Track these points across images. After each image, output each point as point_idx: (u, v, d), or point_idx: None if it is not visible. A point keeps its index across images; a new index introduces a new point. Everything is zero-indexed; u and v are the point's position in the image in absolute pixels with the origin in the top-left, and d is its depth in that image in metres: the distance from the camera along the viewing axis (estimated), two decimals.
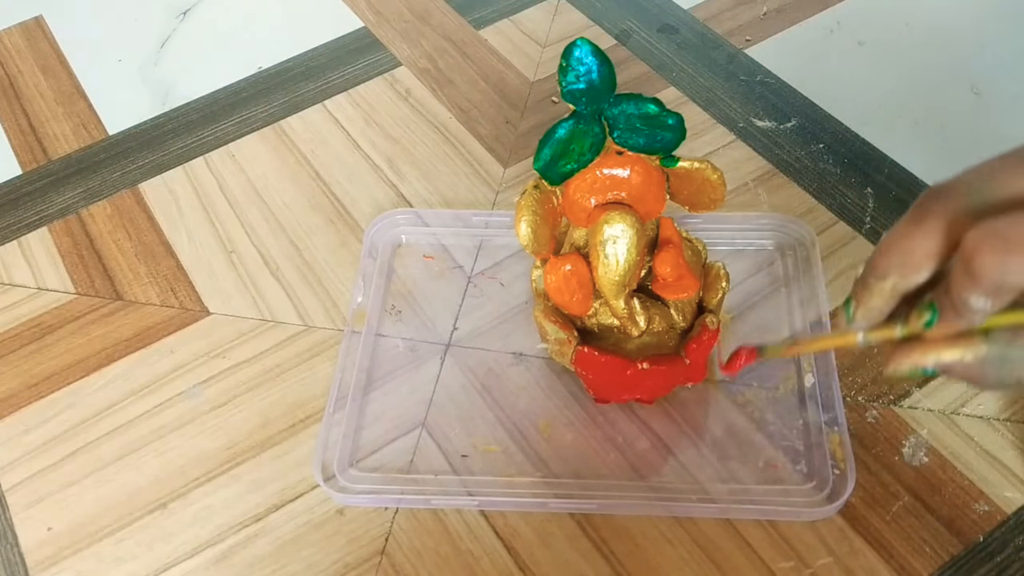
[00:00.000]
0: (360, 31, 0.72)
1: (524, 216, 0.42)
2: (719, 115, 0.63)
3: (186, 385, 0.52)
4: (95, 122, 0.67)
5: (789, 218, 0.55)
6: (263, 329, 0.54)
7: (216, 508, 0.47)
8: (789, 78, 0.65)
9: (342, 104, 0.66)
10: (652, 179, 0.43)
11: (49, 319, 0.55)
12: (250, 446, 0.49)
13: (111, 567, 0.45)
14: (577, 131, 0.41)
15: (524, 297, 0.54)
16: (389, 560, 0.45)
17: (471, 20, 0.72)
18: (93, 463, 0.49)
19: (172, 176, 0.63)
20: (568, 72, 0.40)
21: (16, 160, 0.65)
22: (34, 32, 0.75)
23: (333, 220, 0.59)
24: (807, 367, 0.49)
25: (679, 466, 0.46)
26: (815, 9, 0.70)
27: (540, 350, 0.51)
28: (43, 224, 0.60)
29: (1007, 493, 0.45)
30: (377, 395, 0.50)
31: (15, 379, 0.52)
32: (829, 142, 0.61)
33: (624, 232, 0.42)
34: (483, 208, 0.59)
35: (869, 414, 0.48)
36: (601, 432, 0.48)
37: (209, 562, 0.45)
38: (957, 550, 0.43)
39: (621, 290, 0.43)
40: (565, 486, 0.46)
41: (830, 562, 0.43)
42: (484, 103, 0.66)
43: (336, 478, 0.46)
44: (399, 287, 0.55)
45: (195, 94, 0.69)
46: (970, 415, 0.48)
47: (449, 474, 0.47)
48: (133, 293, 0.56)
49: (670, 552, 0.44)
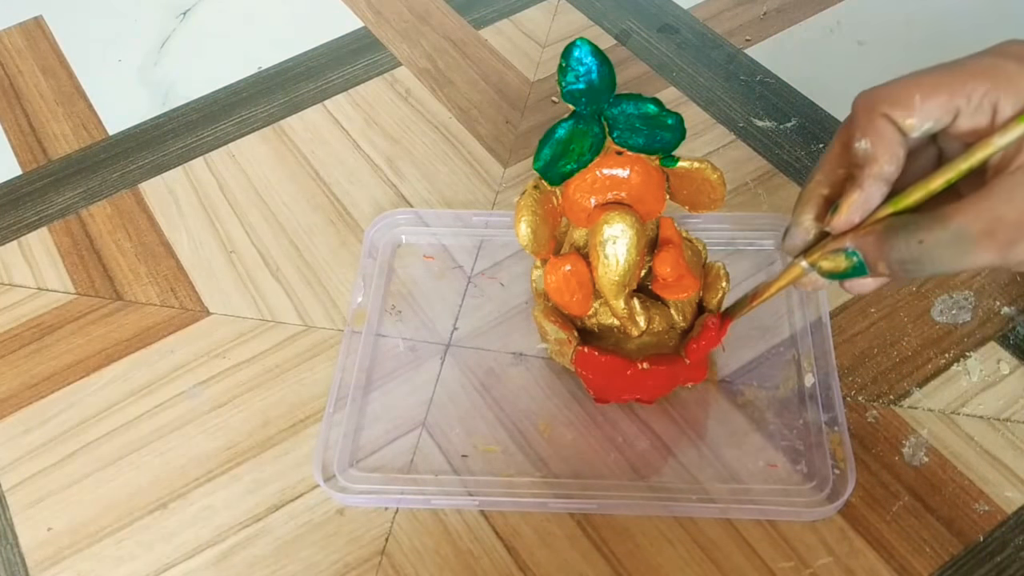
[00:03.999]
0: (360, 31, 0.72)
1: (524, 216, 0.42)
2: (719, 115, 0.63)
3: (186, 385, 0.52)
4: (95, 122, 0.67)
5: (789, 218, 0.54)
6: (263, 329, 0.54)
7: (216, 508, 0.47)
8: (789, 78, 0.65)
9: (342, 104, 0.66)
10: (652, 179, 0.43)
11: (49, 319, 0.55)
12: (250, 446, 0.49)
13: (111, 567, 0.45)
14: (577, 131, 0.41)
15: (524, 297, 0.54)
16: (389, 560, 0.45)
17: (471, 20, 0.72)
18: (93, 463, 0.49)
19: (172, 176, 0.63)
20: (568, 72, 0.40)
21: (16, 160, 0.65)
22: (34, 32, 0.75)
23: (333, 220, 0.59)
24: (807, 367, 0.49)
25: (679, 466, 0.46)
26: (815, 9, 0.70)
27: (540, 350, 0.51)
28: (43, 224, 0.60)
29: (1007, 493, 0.45)
30: (377, 395, 0.50)
31: (15, 379, 0.53)
32: (829, 142, 0.61)
33: (624, 232, 0.42)
34: (483, 208, 0.59)
35: (869, 414, 0.48)
36: (601, 432, 0.48)
37: (209, 562, 0.45)
38: (957, 550, 0.43)
39: (621, 290, 0.43)
40: (565, 486, 0.46)
41: (830, 562, 0.43)
42: (484, 103, 0.66)
43: (336, 478, 0.46)
44: (399, 287, 0.55)
45: (195, 94, 0.69)
46: (970, 415, 0.48)
47: (449, 474, 0.47)
48: (133, 293, 0.56)
49: (670, 552, 0.44)
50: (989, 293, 0.52)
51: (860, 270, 0.35)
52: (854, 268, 0.35)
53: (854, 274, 0.35)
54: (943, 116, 0.33)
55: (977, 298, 0.52)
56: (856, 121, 0.34)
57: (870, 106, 0.33)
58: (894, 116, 0.33)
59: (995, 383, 0.49)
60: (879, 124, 0.33)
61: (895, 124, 0.33)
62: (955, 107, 0.32)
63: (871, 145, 0.33)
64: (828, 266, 0.36)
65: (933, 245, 0.32)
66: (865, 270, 0.35)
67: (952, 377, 0.49)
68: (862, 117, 0.34)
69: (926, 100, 0.32)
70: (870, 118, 0.33)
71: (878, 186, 0.34)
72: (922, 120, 0.33)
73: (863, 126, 0.33)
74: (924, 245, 0.32)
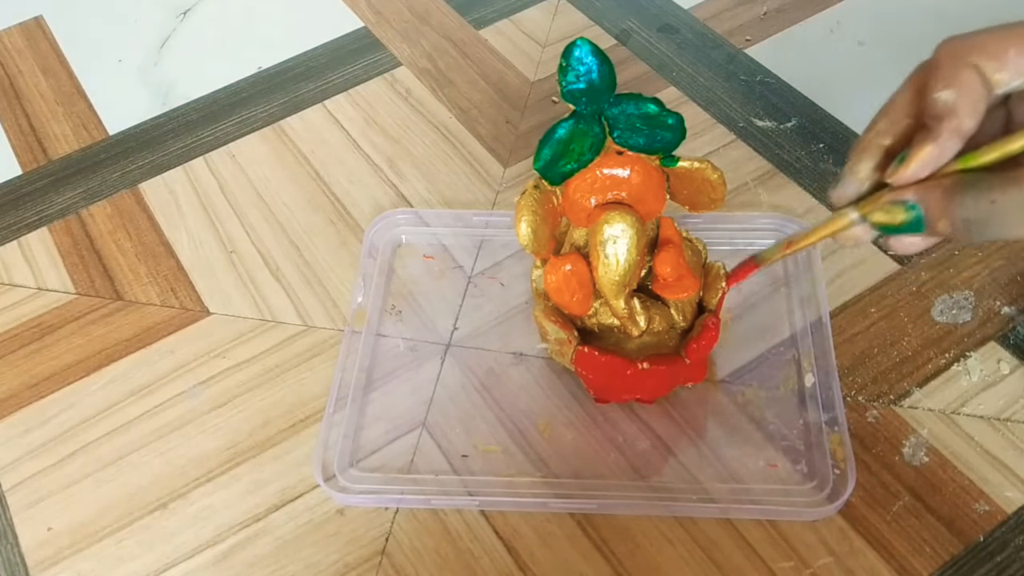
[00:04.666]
0: (360, 31, 0.72)
1: (524, 216, 0.42)
2: (719, 115, 0.63)
3: (186, 385, 0.52)
4: (95, 122, 0.67)
5: (789, 218, 0.55)
6: (263, 329, 0.54)
7: (216, 508, 0.47)
8: (789, 78, 0.65)
9: (342, 104, 0.66)
10: (652, 179, 0.43)
11: (49, 319, 0.55)
12: (250, 446, 0.49)
13: (111, 567, 0.45)
14: (577, 131, 0.41)
15: (524, 297, 0.54)
16: (389, 560, 0.45)
17: (471, 20, 0.72)
18: (93, 463, 0.49)
19: (172, 176, 0.63)
20: (568, 72, 0.40)
21: (16, 160, 0.65)
22: (34, 32, 0.75)
23: (333, 220, 0.59)
24: (807, 367, 0.49)
25: (679, 466, 0.46)
26: (815, 9, 0.70)
27: (540, 350, 0.51)
28: (43, 224, 0.60)
29: (1007, 493, 0.45)
30: (377, 395, 0.50)
31: (15, 379, 0.52)
32: (829, 142, 0.61)
33: (624, 232, 0.42)
34: (483, 208, 0.58)
35: (869, 414, 0.48)
36: (601, 432, 0.48)
37: (209, 562, 0.45)
38: (957, 550, 0.43)
39: (621, 290, 0.43)
40: (565, 486, 0.46)
41: (830, 562, 0.43)
42: (484, 103, 0.66)
43: (336, 478, 0.46)
44: (399, 287, 0.55)
45: (195, 94, 0.69)
46: (970, 415, 0.48)
47: (449, 474, 0.47)
48: (133, 293, 0.56)
49: (670, 552, 0.44)
50: (989, 293, 0.52)
51: (917, 226, 0.33)
52: (911, 223, 0.33)
53: (908, 230, 0.33)
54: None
55: (977, 298, 0.52)
56: (939, 70, 0.31)
57: (958, 55, 0.31)
58: (984, 68, 0.31)
59: (995, 383, 0.49)
60: (965, 75, 0.31)
61: (983, 77, 0.31)
62: None
63: (955, 97, 0.31)
64: (882, 218, 0.34)
65: (1007, 206, 0.30)
66: (922, 227, 0.33)
67: (952, 377, 0.49)
68: (947, 66, 0.31)
69: (1022, 55, 0.30)
70: (956, 68, 0.31)
71: (955, 141, 0.32)
72: (1014, 76, 0.31)
73: (947, 76, 0.31)
74: (996, 205, 0.30)
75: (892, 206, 0.33)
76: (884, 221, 0.34)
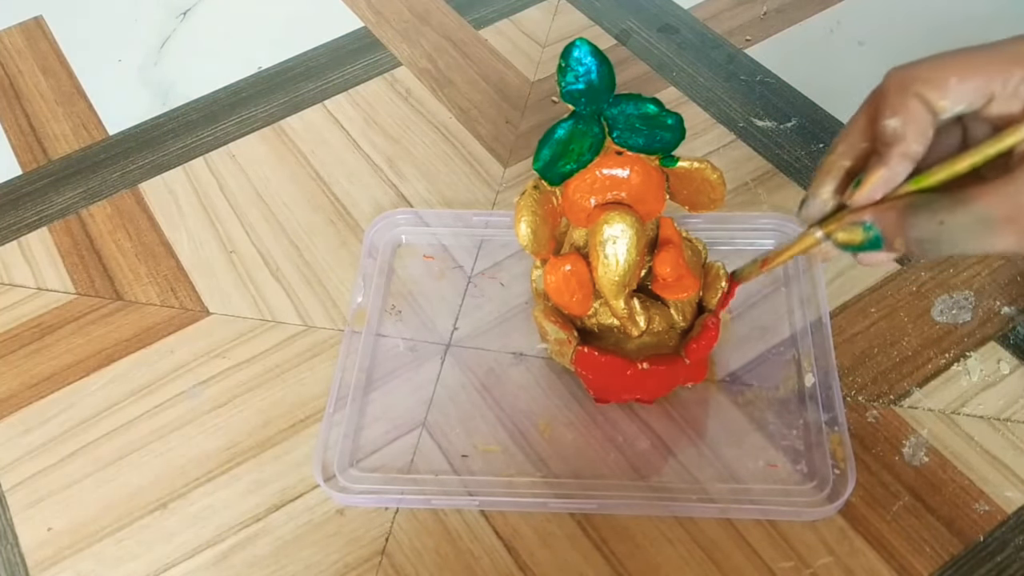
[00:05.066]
0: (360, 31, 0.72)
1: (524, 216, 0.42)
2: (719, 115, 0.63)
3: (186, 385, 0.52)
4: (95, 122, 0.67)
5: (789, 218, 0.55)
6: (263, 329, 0.54)
7: (216, 508, 0.47)
8: (789, 78, 0.65)
9: (342, 104, 0.66)
10: (652, 179, 0.43)
11: (49, 319, 0.55)
12: (250, 446, 0.49)
13: (111, 567, 0.45)
14: (577, 131, 0.41)
15: (524, 297, 0.54)
16: (389, 560, 0.45)
17: (471, 20, 0.72)
18: (93, 463, 0.49)
19: (172, 176, 0.63)
20: (567, 72, 0.40)
21: (16, 160, 0.65)
22: (34, 32, 0.75)
23: (333, 220, 0.59)
24: (807, 367, 0.49)
25: (679, 466, 0.46)
26: (815, 9, 0.70)
27: (540, 350, 0.51)
28: (43, 224, 0.60)
29: (1007, 493, 0.45)
30: (377, 395, 0.50)
31: (15, 379, 0.53)
32: (829, 142, 0.61)
33: (624, 232, 0.42)
34: (483, 208, 0.59)
35: (869, 414, 0.48)
36: (601, 432, 0.48)
37: (209, 562, 0.45)
38: (957, 550, 0.43)
39: (621, 290, 0.43)
40: (565, 486, 0.46)
41: (830, 562, 0.43)
42: (484, 103, 0.66)
43: (336, 478, 0.46)
44: (399, 287, 0.55)
45: (195, 94, 0.69)
46: (970, 415, 0.48)
47: (449, 474, 0.47)
48: (133, 293, 0.56)
49: (670, 552, 0.44)
50: (989, 293, 0.52)
51: (876, 244, 0.35)
52: (870, 242, 0.35)
53: (869, 248, 0.35)
54: (977, 100, 0.32)
55: (977, 298, 0.52)
56: (887, 98, 0.33)
57: (903, 84, 0.33)
58: (927, 96, 0.32)
59: (995, 383, 0.49)
60: (911, 104, 0.32)
61: (927, 104, 0.32)
62: (990, 92, 0.32)
63: (901, 124, 0.33)
64: (844, 238, 0.36)
65: (954, 226, 0.32)
66: (880, 244, 0.34)
67: (952, 377, 0.49)
68: (894, 95, 0.33)
69: (962, 83, 0.32)
70: (903, 97, 0.33)
71: (904, 165, 0.33)
72: (955, 103, 0.32)
73: (894, 104, 0.33)
74: (944, 226, 0.32)
75: (852, 226, 0.35)
76: (846, 240, 0.36)
